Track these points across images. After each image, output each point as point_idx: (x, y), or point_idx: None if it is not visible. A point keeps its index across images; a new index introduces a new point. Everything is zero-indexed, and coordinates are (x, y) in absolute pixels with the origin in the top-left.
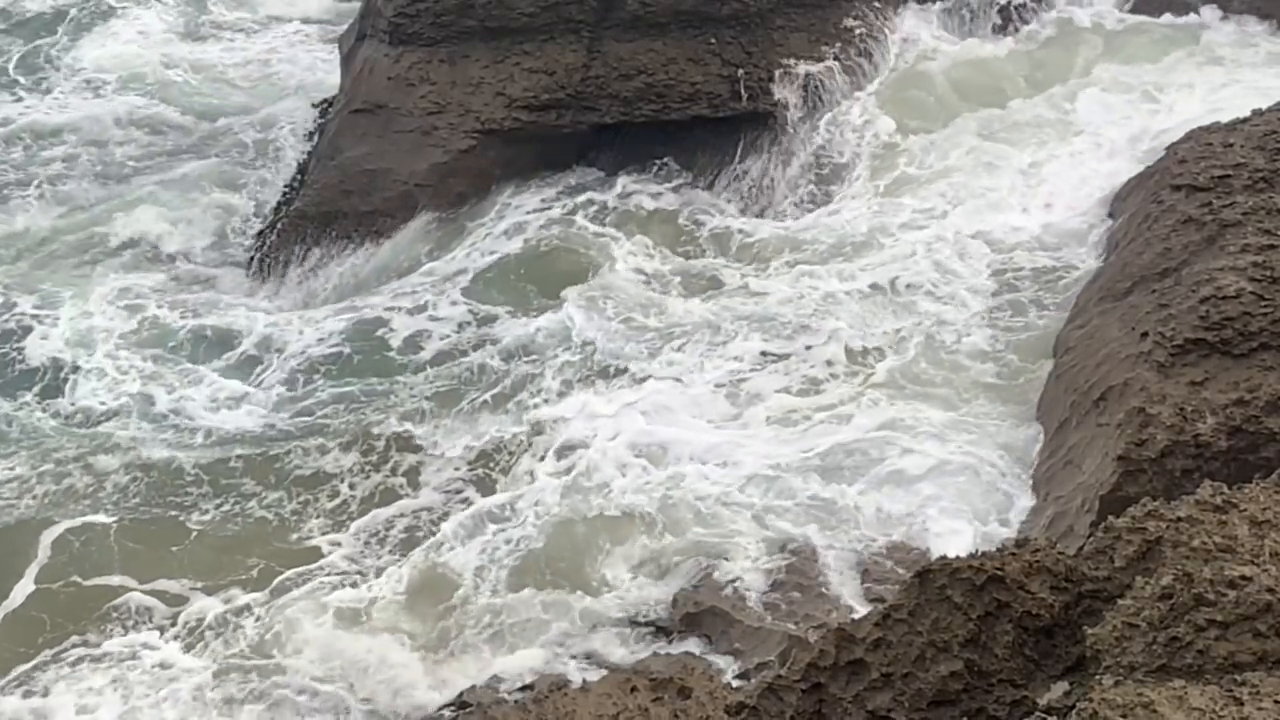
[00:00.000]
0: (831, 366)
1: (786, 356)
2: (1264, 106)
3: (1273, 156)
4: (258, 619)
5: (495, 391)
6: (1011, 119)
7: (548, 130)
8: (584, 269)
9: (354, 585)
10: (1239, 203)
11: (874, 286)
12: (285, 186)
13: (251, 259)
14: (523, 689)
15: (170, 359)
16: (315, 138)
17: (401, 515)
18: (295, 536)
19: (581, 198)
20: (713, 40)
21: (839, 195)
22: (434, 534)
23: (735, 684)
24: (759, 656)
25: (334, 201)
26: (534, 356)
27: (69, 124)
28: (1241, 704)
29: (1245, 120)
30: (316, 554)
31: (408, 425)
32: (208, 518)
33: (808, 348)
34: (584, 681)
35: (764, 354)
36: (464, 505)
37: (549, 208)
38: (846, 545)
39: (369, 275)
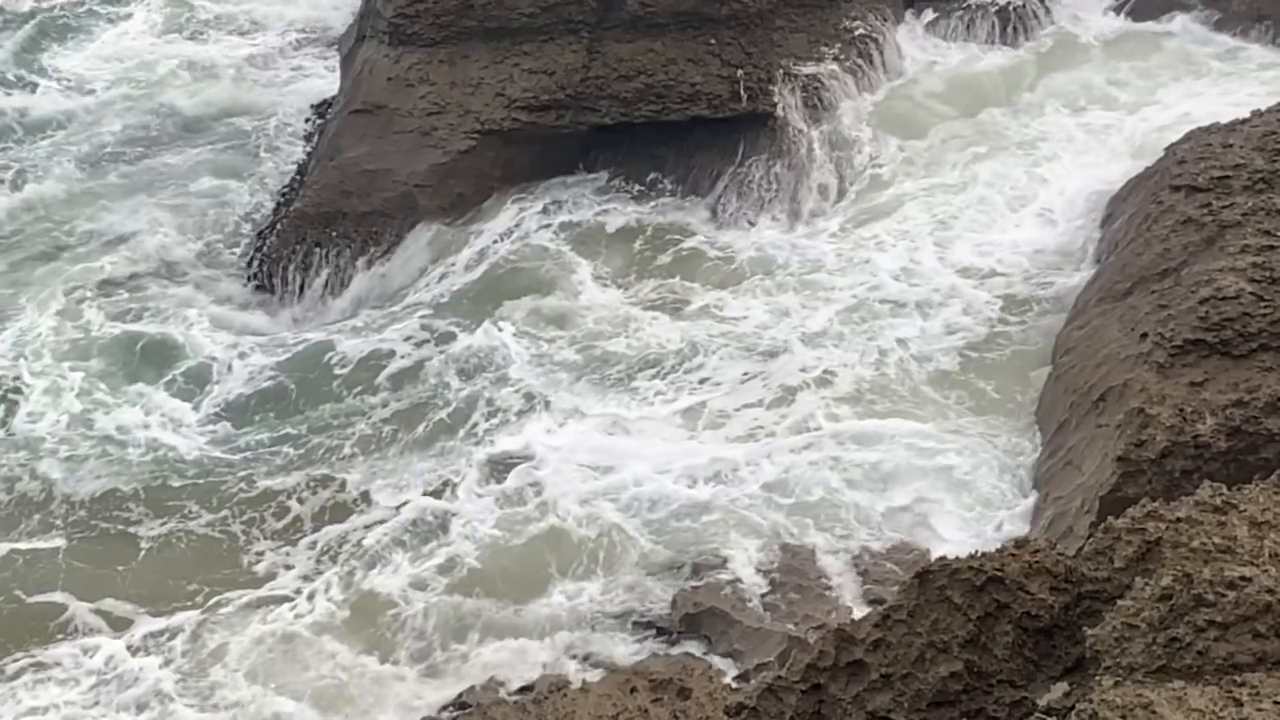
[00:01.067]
0: (803, 381)
1: (757, 375)
2: (1263, 108)
3: (1272, 157)
4: (200, 639)
5: (447, 415)
6: (1003, 132)
7: (547, 131)
8: (548, 287)
9: (297, 606)
10: (1238, 203)
11: (850, 306)
12: (283, 187)
13: (250, 260)
14: (522, 690)
15: (116, 374)
16: (316, 138)
17: (346, 538)
18: (240, 557)
19: (562, 217)
20: (712, 41)
21: (827, 208)
22: (379, 556)
23: (735, 685)
24: (758, 657)
25: (334, 202)
26: (489, 378)
27: (57, 122)
28: (1241, 705)
29: (1245, 121)
30: (261, 575)
31: (355, 448)
32: (152, 537)
33: (777, 364)
34: (584, 682)
35: (739, 374)
36: (410, 528)
37: (525, 227)
38: (846, 547)
39: (362, 295)
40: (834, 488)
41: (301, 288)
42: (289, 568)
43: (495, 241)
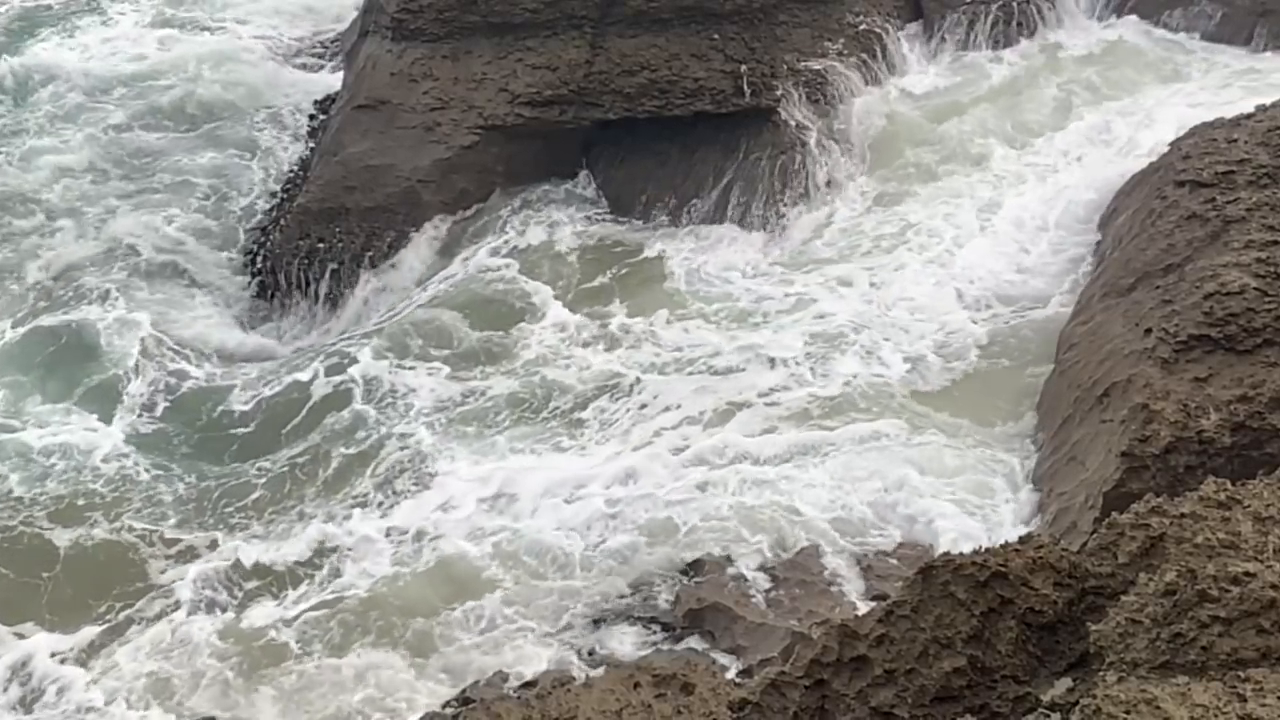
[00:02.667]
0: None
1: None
2: (1268, 102)
3: (1276, 152)
4: (106, 657)
5: (361, 450)
6: (994, 146)
7: (551, 126)
8: (514, 316)
9: (198, 628)
10: (1243, 199)
11: (815, 335)
12: (285, 184)
13: (253, 258)
14: (525, 685)
15: (30, 387)
16: (319, 134)
17: (241, 567)
18: (146, 576)
19: (535, 237)
20: (715, 36)
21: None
22: (277, 586)
23: (738, 680)
24: (762, 653)
25: (337, 197)
26: (408, 416)
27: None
28: (1244, 700)
29: (1249, 116)
30: (165, 594)
31: (268, 475)
32: (60, 554)
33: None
34: (587, 677)
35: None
36: (310, 560)
37: (488, 259)
38: (850, 543)
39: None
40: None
41: (304, 285)
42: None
43: (457, 271)
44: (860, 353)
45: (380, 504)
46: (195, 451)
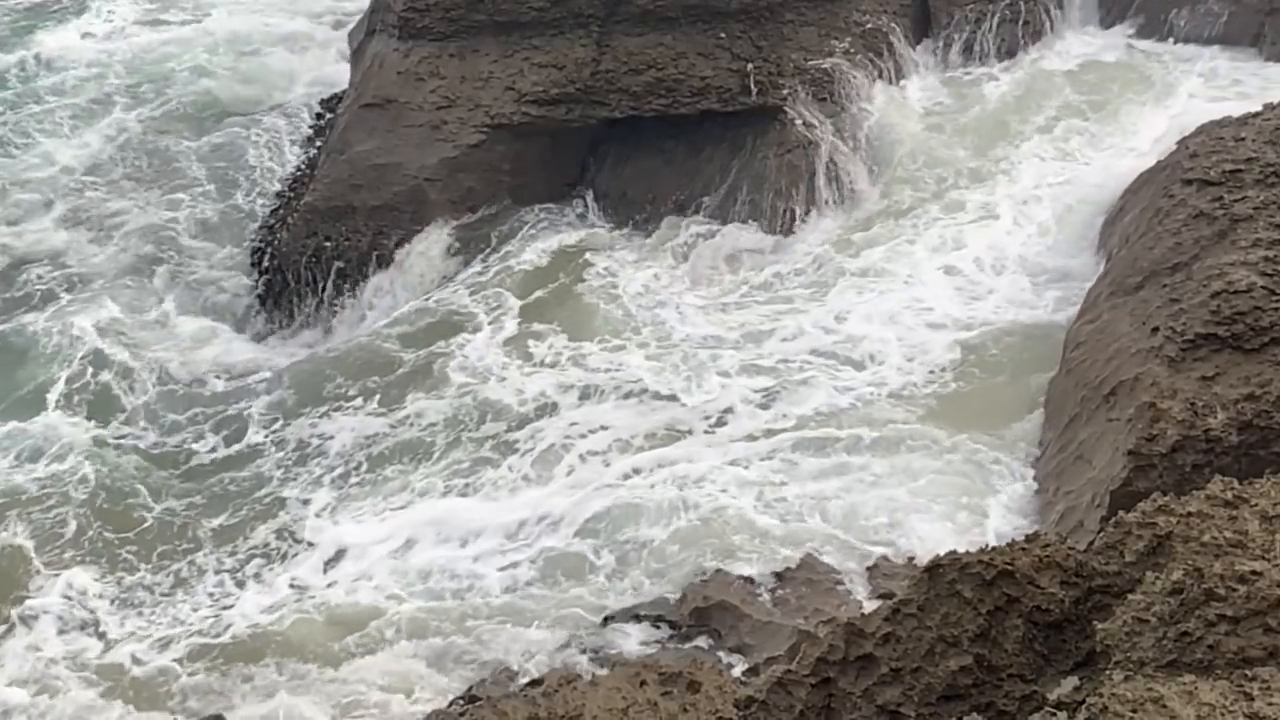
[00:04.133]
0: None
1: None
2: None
3: None
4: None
5: (267, 492)
6: (989, 162)
7: (557, 125)
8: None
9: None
10: (1250, 197)
11: (781, 362)
12: (290, 183)
13: (259, 257)
14: (531, 683)
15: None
16: (326, 132)
17: (122, 601)
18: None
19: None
20: (722, 35)
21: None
22: (157, 623)
23: (744, 679)
24: (768, 651)
25: (344, 196)
26: (326, 452)
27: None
28: (1252, 699)
29: (1257, 114)
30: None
31: (172, 511)
32: None
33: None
34: (593, 675)
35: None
36: (196, 600)
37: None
38: (856, 542)
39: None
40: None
41: (312, 283)
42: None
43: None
44: (829, 374)
45: (282, 553)
46: (107, 472)
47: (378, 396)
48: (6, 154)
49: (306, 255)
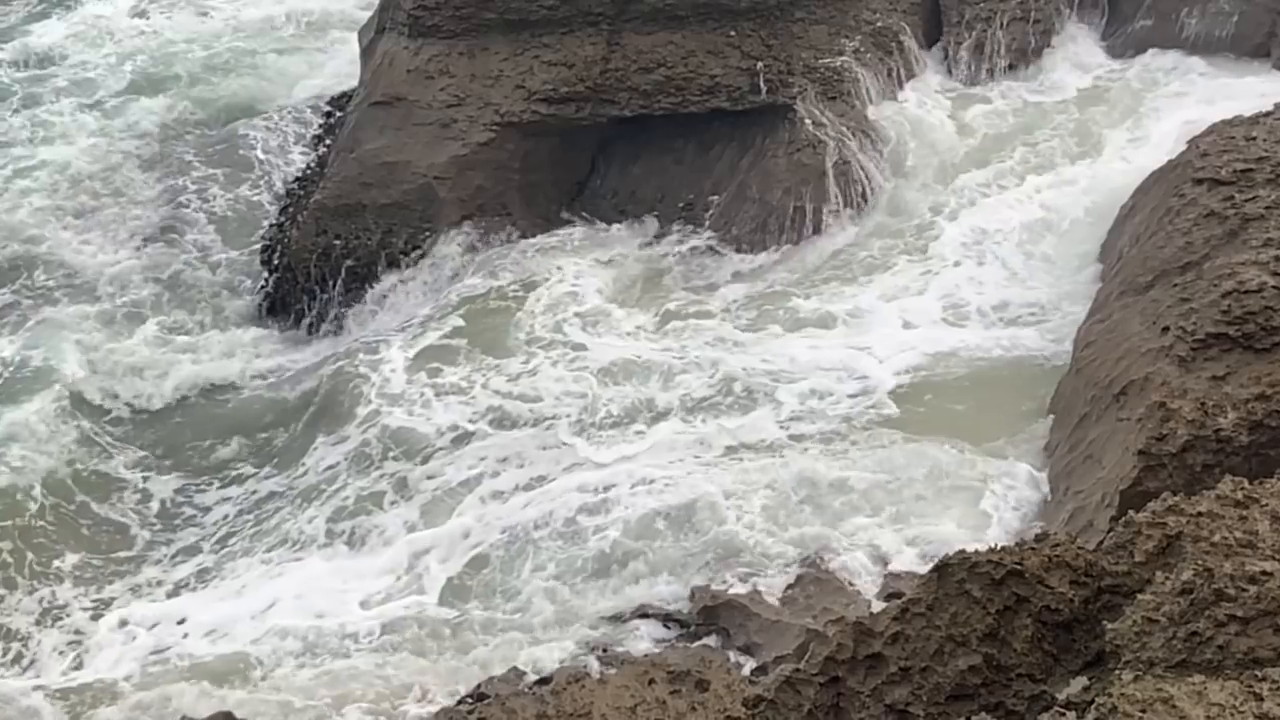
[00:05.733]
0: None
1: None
2: None
3: None
4: None
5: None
6: (986, 184)
7: (567, 123)
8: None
9: None
10: (1261, 196)
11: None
12: (299, 181)
13: (268, 255)
14: (540, 681)
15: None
16: (335, 130)
17: None
18: None
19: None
20: (732, 33)
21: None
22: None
23: (753, 678)
24: (777, 650)
25: (354, 194)
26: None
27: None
28: (1261, 700)
29: (1268, 114)
30: None
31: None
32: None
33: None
34: (602, 674)
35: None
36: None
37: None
38: (864, 540)
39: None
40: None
41: (322, 282)
42: None
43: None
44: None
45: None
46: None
47: (273, 439)
48: (8, 152)
49: (316, 254)
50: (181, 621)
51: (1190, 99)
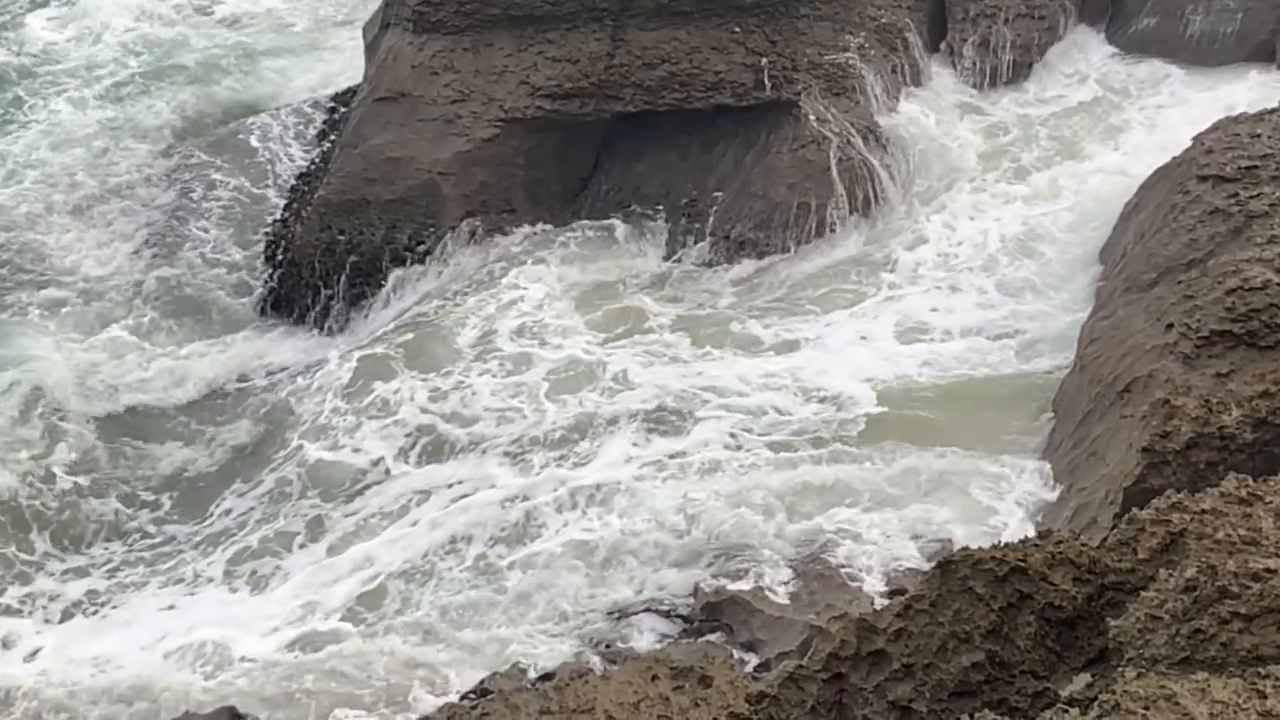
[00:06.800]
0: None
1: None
2: None
3: None
4: None
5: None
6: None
7: (571, 119)
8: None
9: None
10: (1266, 194)
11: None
12: (303, 177)
13: (272, 251)
14: (544, 677)
15: None
16: (340, 126)
17: None
18: None
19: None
20: (736, 29)
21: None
22: None
23: (756, 674)
24: (780, 646)
25: (358, 189)
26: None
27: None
28: (1265, 697)
29: (1273, 111)
30: None
31: None
32: None
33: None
34: (605, 670)
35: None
36: None
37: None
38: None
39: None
40: None
41: (326, 277)
42: None
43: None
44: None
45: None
46: None
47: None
48: (7, 149)
49: (320, 250)
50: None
51: (1186, 109)
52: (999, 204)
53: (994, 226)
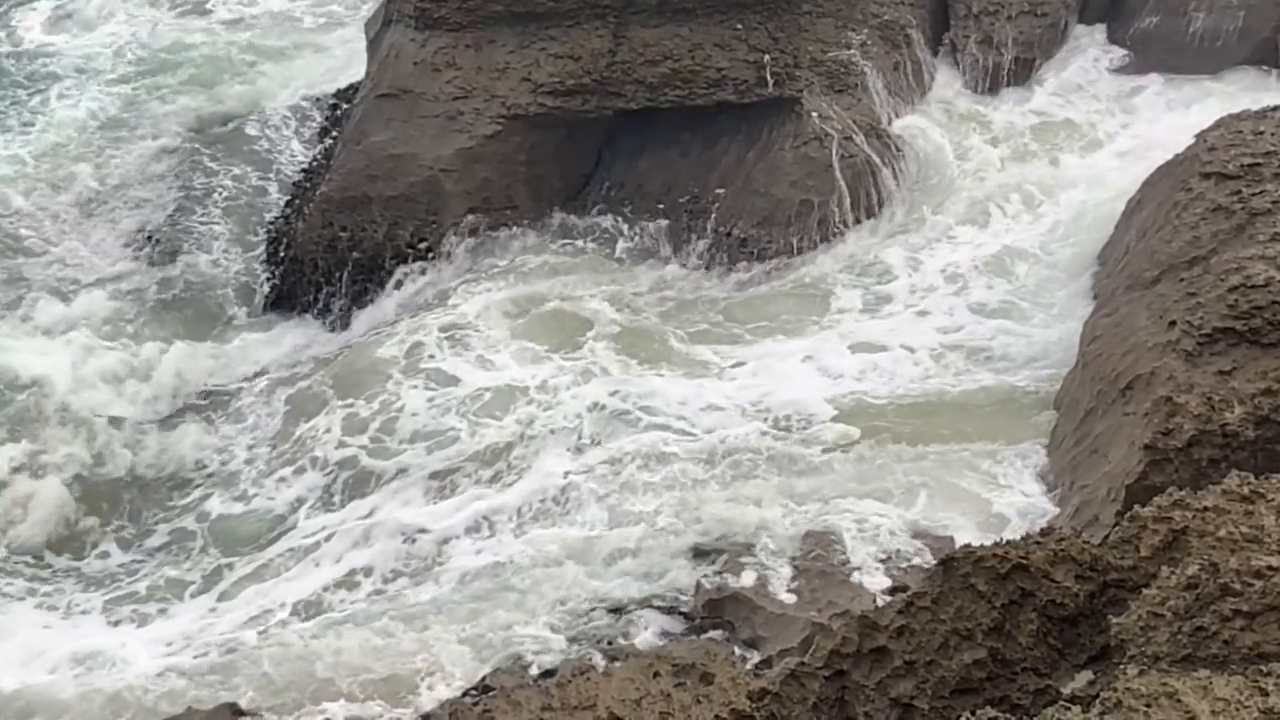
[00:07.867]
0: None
1: None
2: None
3: None
4: None
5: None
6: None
7: (573, 116)
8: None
9: None
10: (1269, 191)
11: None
12: (305, 174)
13: (273, 249)
14: (545, 674)
15: None
16: (342, 123)
17: None
18: None
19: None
20: (739, 26)
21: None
22: None
23: (757, 671)
24: (781, 643)
25: (360, 186)
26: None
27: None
28: (1266, 694)
29: (1276, 108)
30: None
31: None
32: None
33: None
34: (606, 666)
35: None
36: None
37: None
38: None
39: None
40: None
41: (328, 274)
42: None
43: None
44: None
45: None
46: None
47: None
48: (7, 146)
49: (322, 246)
50: None
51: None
52: (999, 206)
53: (994, 229)
